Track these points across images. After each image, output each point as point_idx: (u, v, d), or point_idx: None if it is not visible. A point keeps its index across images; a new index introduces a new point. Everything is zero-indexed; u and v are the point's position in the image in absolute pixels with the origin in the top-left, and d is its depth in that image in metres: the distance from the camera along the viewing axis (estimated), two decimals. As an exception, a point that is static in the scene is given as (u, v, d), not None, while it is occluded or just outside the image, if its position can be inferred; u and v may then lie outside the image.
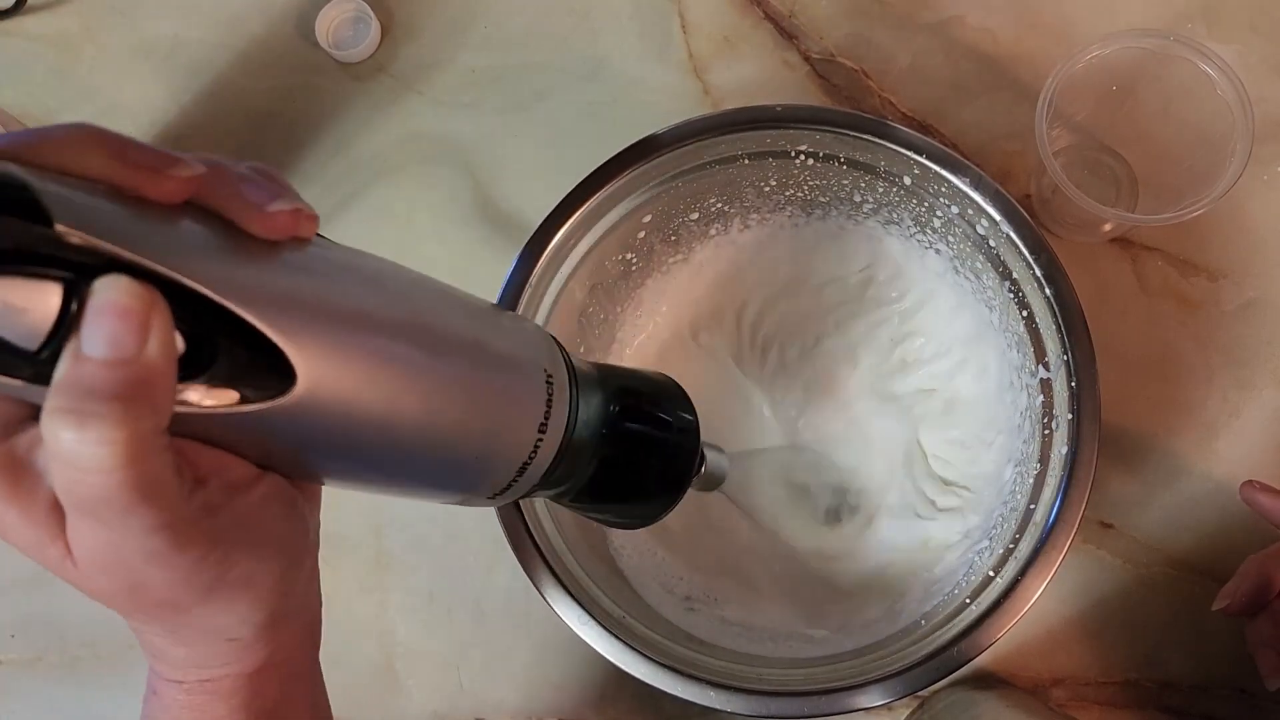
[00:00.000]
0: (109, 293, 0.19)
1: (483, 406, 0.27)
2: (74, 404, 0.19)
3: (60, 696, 0.57)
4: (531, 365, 0.28)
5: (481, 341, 0.27)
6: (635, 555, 0.53)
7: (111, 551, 0.22)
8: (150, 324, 0.19)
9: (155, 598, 0.23)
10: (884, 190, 0.50)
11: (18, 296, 0.19)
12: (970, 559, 0.48)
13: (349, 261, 0.25)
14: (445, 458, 0.27)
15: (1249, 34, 0.58)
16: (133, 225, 0.20)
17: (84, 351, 0.19)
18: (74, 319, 0.19)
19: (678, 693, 0.44)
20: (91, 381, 0.19)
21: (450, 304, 0.27)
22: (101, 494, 0.20)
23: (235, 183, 0.23)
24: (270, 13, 0.62)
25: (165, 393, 0.20)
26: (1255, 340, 0.55)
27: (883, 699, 0.43)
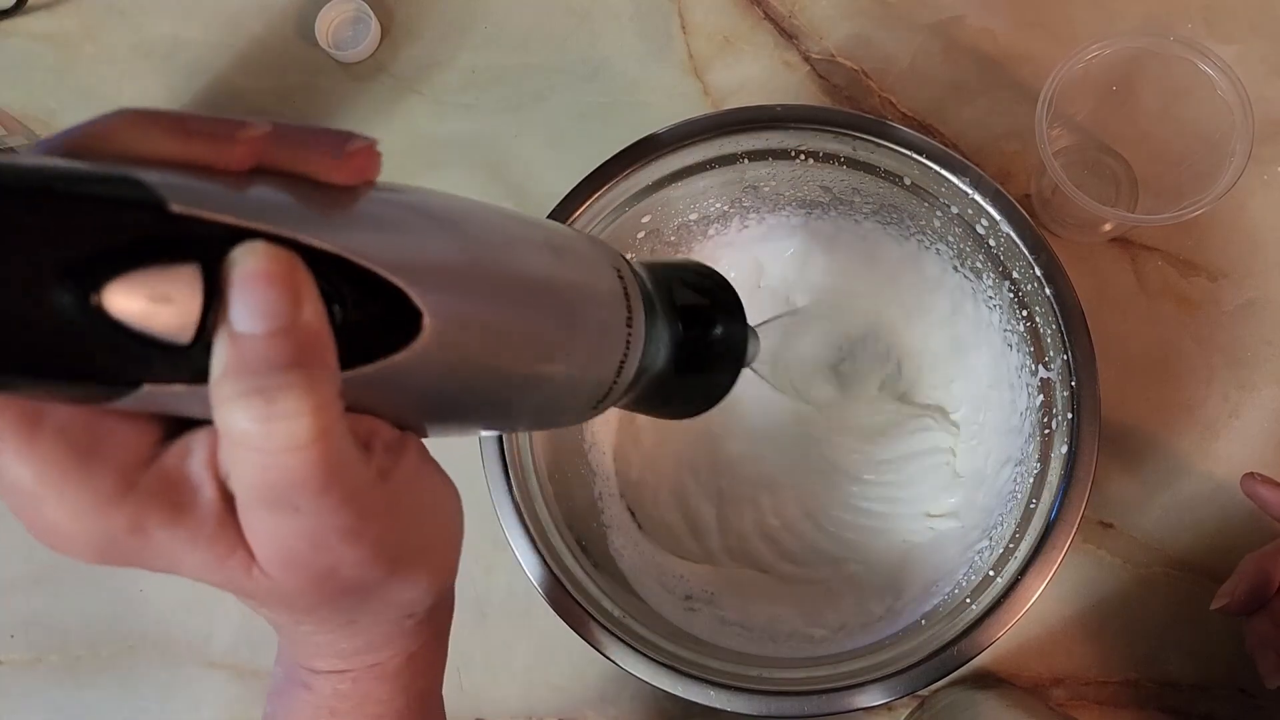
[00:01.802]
0: (250, 261, 0.18)
1: (580, 316, 0.27)
2: (251, 384, 0.18)
3: (60, 697, 0.57)
4: (606, 268, 0.28)
5: (566, 253, 0.27)
6: (635, 555, 0.53)
7: (303, 540, 0.20)
8: (299, 285, 0.18)
9: (344, 582, 0.22)
10: (884, 190, 0.50)
11: (160, 288, 0.17)
12: (970, 559, 0.48)
13: (425, 197, 0.24)
14: (556, 378, 0.26)
15: (1249, 34, 0.58)
16: (229, 195, 0.19)
17: (239, 330, 0.18)
18: (216, 301, 0.18)
19: (678, 693, 0.44)
20: (261, 356, 0.18)
21: (527, 226, 0.27)
22: (297, 475, 0.19)
23: (300, 135, 0.21)
24: (270, 13, 0.62)
25: (332, 353, 0.19)
26: (1255, 340, 0.55)
27: (883, 699, 0.43)
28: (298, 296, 0.18)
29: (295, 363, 0.18)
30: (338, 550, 0.21)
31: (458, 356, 0.22)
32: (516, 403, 0.26)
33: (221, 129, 0.20)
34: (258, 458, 0.18)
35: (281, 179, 0.21)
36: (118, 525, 0.19)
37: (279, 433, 0.18)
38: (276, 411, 0.18)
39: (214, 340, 0.18)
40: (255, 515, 0.20)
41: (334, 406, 0.19)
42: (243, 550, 0.20)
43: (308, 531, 0.20)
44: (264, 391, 0.18)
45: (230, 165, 0.20)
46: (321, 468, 0.19)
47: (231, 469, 0.19)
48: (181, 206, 0.18)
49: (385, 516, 0.21)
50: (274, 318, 0.18)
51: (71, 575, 0.58)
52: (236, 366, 0.18)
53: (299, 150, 0.21)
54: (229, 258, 0.18)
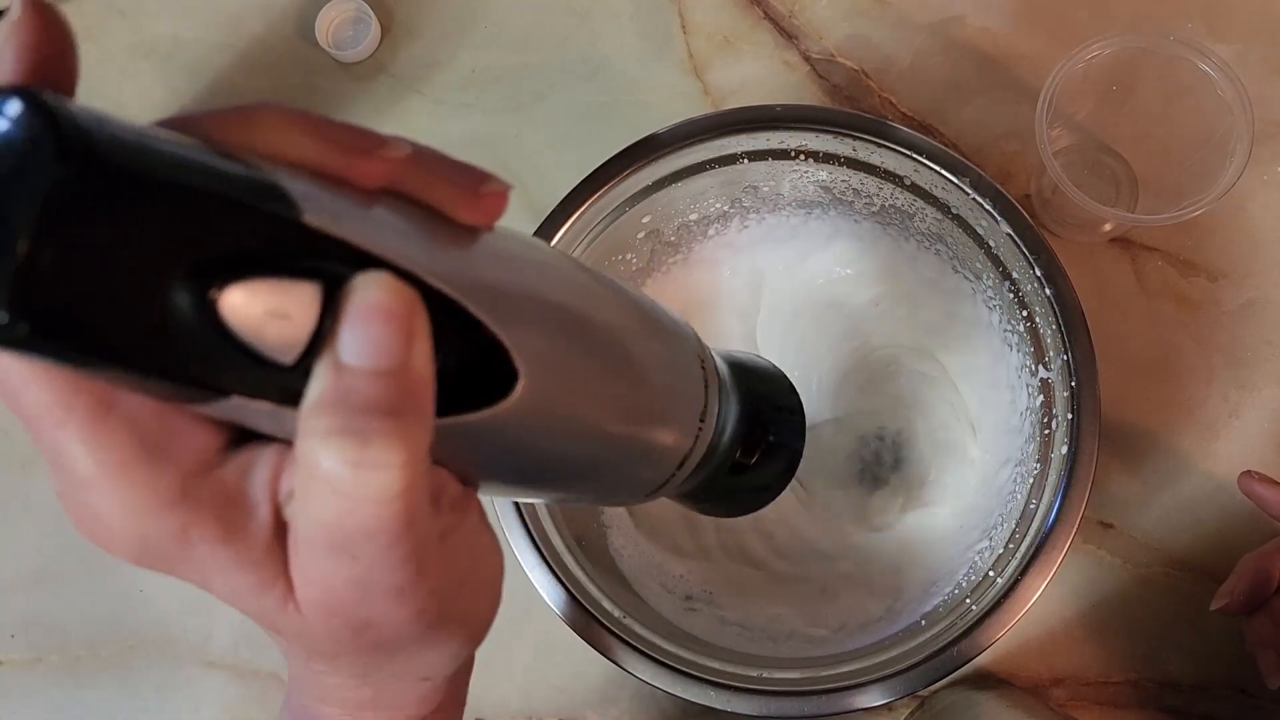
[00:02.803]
0: (373, 292, 0.17)
1: (662, 397, 0.26)
2: (348, 422, 0.17)
3: (61, 697, 0.57)
4: (691, 354, 0.28)
5: (657, 331, 0.27)
6: (635, 555, 0.53)
7: (352, 589, 0.19)
8: (415, 327, 0.17)
9: (376, 638, 0.21)
10: (884, 190, 0.50)
11: (278, 301, 0.17)
12: (970, 559, 0.48)
13: (535, 252, 0.23)
14: (628, 454, 0.26)
15: (1249, 34, 0.58)
16: (361, 215, 0.18)
17: (346, 361, 0.17)
18: (328, 326, 0.17)
19: (678, 693, 0.44)
20: (363, 395, 0.17)
21: (627, 300, 0.26)
22: (370, 526, 0.17)
23: (438, 164, 0.20)
24: (270, 13, 0.62)
25: (431, 405, 0.18)
26: (1255, 340, 0.55)
27: (883, 699, 0.43)
28: (412, 338, 0.17)
29: (396, 409, 0.17)
30: (383, 606, 0.20)
31: (539, 423, 0.22)
32: (580, 476, 0.26)
33: (363, 142, 0.19)
34: (335, 500, 0.17)
35: (406, 205, 0.20)
36: (166, 530, 0.18)
37: (366, 480, 0.17)
38: (368, 458, 0.17)
39: (315, 366, 0.17)
40: (310, 553, 0.19)
41: (424, 461, 0.18)
42: (284, 583, 0.19)
43: (360, 581, 0.19)
44: (359, 434, 0.17)
45: (362, 181, 0.19)
46: (397, 523, 0.18)
47: (300, 501, 0.18)
48: (315, 220, 0.17)
49: (437, 578, 0.20)
50: (385, 356, 0.17)
51: (71, 575, 0.58)
52: (334, 400, 0.17)
53: (433, 180, 0.20)
54: (351, 283, 0.17)
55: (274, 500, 0.19)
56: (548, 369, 0.21)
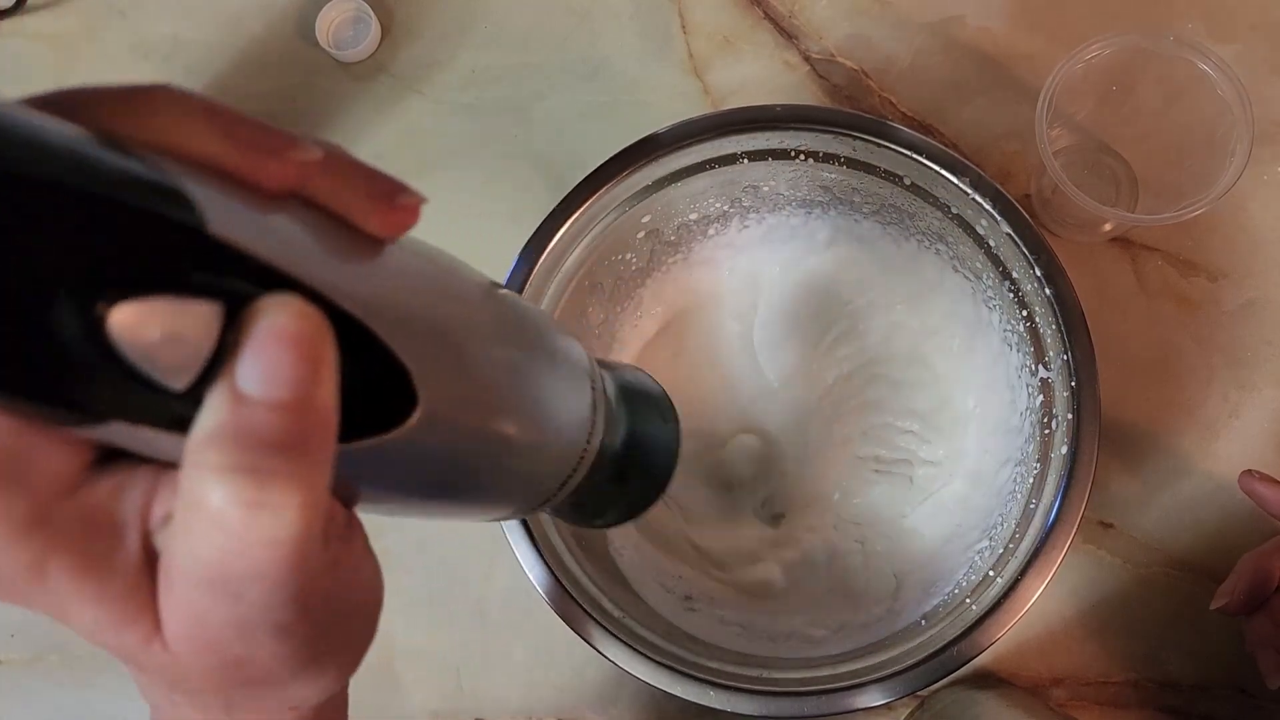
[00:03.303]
0: (281, 316, 0.16)
1: (553, 412, 0.26)
2: (245, 459, 0.15)
3: (60, 696, 0.57)
4: (583, 375, 0.28)
5: (553, 351, 0.26)
6: (635, 555, 0.53)
7: (230, 628, 0.17)
8: (322, 356, 0.16)
9: (249, 674, 0.19)
10: (884, 190, 0.50)
11: (174, 321, 0.15)
12: (970, 559, 0.48)
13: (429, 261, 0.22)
14: (515, 475, 0.25)
15: (1249, 34, 0.58)
16: (268, 225, 0.17)
17: (245, 390, 0.15)
18: (229, 349, 0.16)
19: (678, 693, 0.44)
20: (262, 430, 0.15)
21: (521, 312, 0.25)
22: (259, 568, 0.16)
23: (350, 171, 0.19)
24: (270, 13, 0.62)
25: (333, 441, 0.16)
26: (1255, 340, 0.55)
27: (883, 699, 0.43)
28: (319, 369, 0.16)
29: (297, 446, 0.16)
30: (261, 644, 0.18)
31: (432, 446, 0.21)
32: (464, 495, 0.25)
33: (272, 142, 0.17)
34: (221, 538, 0.16)
35: (311, 212, 0.18)
36: (19, 561, 0.16)
37: (260, 523, 0.15)
38: (265, 499, 0.15)
39: (209, 392, 0.16)
40: (186, 589, 0.17)
41: (323, 501, 0.16)
42: (150, 618, 0.18)
43: (240, 620, 0.17)
44: (256, 472, 0.15)
45: (268, 185, 0.17)
46: (288, 565, 0.16)
47: (179, 535, 0.16)
48: (219, 230, 0.15)
49: (320, 613, 0.19)
50: (289, 388, 0.15)
51: (71, 575, 0.58)
52: (230, 433, 0.15)
53: (345, 187, 0.19)
54: (256, 306, 0.16)
55: (144, 527, 0.18)
56: (445, 393, 0.20)
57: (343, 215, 0.19)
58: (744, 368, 0.56)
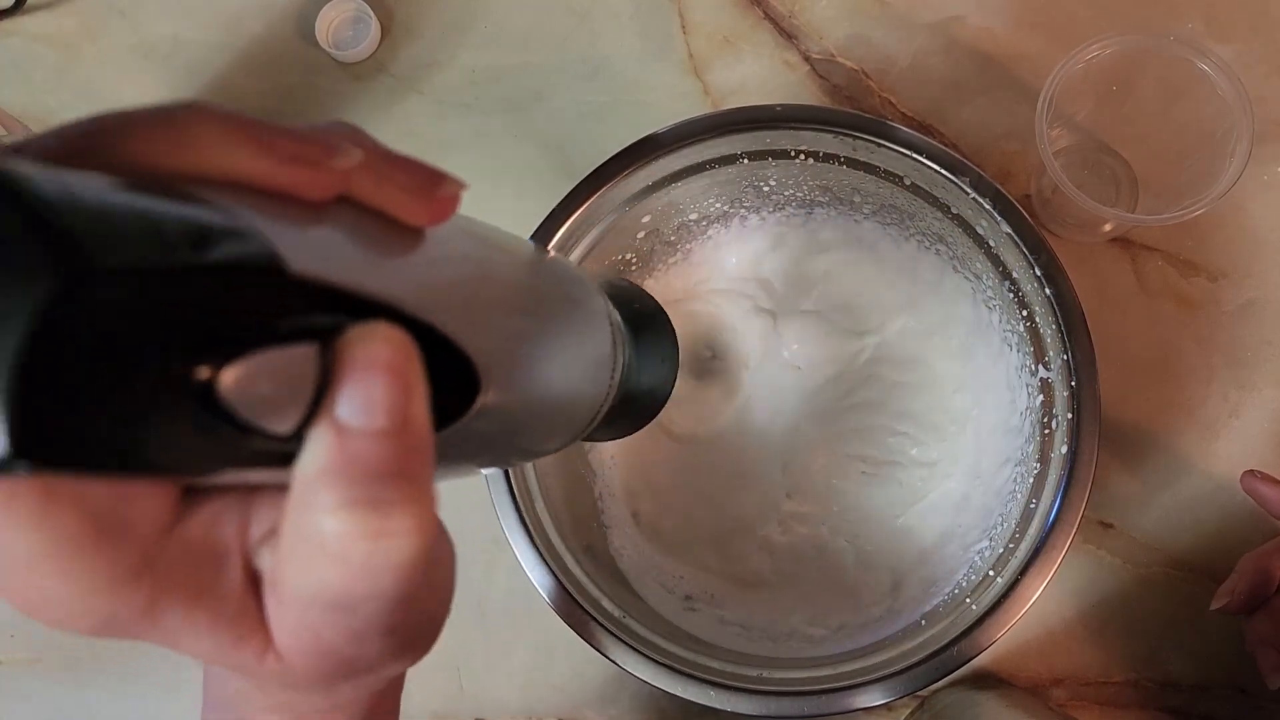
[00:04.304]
0: (372, 346, 0.15)
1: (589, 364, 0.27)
2: (360, 493, 0.15)
3: (60, 696, 0.57)
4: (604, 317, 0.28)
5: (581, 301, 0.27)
6: (635, 555, 0.53)
7: (344, 637, 0.18)
8: (413, 376, 0.16)
9: (358, 668, 0.19)
10: (884, 190, 0.50)
11: (277, 372, 0.15)
12: (970, 559, 0.48)
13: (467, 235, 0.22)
14: (557, 422, 0.26)
15: (1249, 34, 0.58)
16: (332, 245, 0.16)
17: (348, 423, 0.15)
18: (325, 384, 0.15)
19: (678, 693, 0.44)
20: (371, 460, 0.15)
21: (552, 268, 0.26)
22: (378, 589, 0.16)
23: (390, 166, 0.19)
24: (270, 13, 0.62)
25: (432, 456, 0.16)
26: (1255, 340, 0.55)
27: (883, 699, 0.43)
28: (411, 389, 0.16)
29: (405, 470, 0.15)
30: (372, 643, 0.18)
31: (492, 421, 0.21)
32: (508, 450, 0.26)
33: (311, 152, 0.17)
34: (341, 570, 0.16)
35: (355, 212, 0.18)
36: (132, 605, 0.16)
37: (381, 551, 0.15)
38: (383, 528, 0.15)
39: (312, 430, 0.15)
40: (301, 611, 0.17)
41: (435, 518, 0.16)
42: (261, 635, 0.18)
43: (354, 630, 0.18)
44: (373, 504, 0.15)
45: (313, 196, 0.17)
46: (406, 582, 0.16)
47: (292, 566, 0.16)
48: (297, 265, 0.15)
49: (420, 605, 0.20)
50: (388, 414, 0.15)
51: (71, 575, 0.58)
52: (340, 468, 0.15)
53: (385, 183, 0.19)
54: (346, 339, 0.15)
55: (243, 550, 0.18)
56: (502, 370, 0.20)
57: (387, 211, 0.19)
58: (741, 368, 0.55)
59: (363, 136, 0.19)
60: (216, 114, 0.16)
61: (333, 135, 0.18)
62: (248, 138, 0.16)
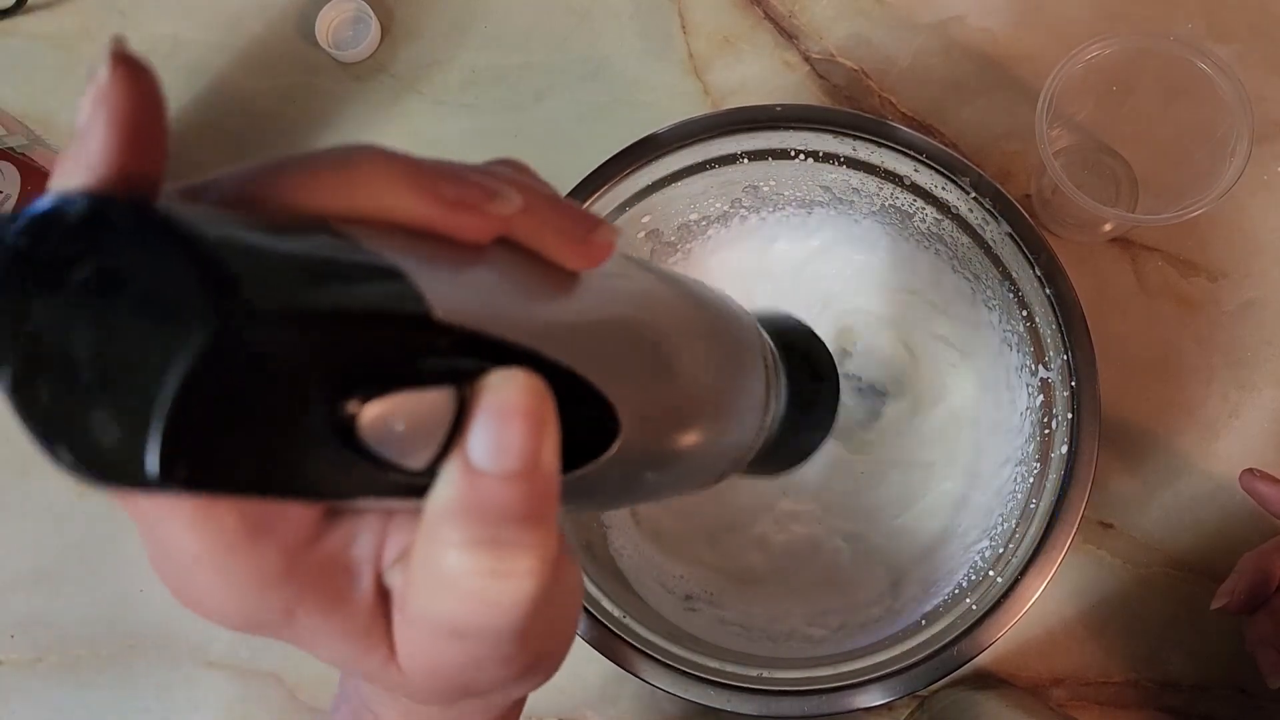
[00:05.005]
0: (508, 392, 0.16)
1: (740, 407, 0.26)
2: (483, 533, 0.16)
3: (60, 696, 0.57)
4: (759, 359, 0.27)
5: (738, 343, 0.26)
6: (635, 555, 0.53)
7: (460, 660, 0.19)
8: (546, 423, 0.16)
9: (476, 689, 0.20)
10: (884, 190, 0.50)
11: (415, 412, 0.15)
12: (970, 559, 0.48)
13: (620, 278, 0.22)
14: (705, 467, 0.26)
15: (1249, 34, 0.58)
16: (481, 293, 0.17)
17: (478, 464, 0.16)
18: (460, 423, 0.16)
19: (678, 693, 0.44)
20: (497, 502, 0.16)
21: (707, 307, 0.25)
22: (494, 623, 0.17)
23: (548, 211, 0.19)
24: (270, 13, 0.62)
25: (557, 500, 0.17)
26: (1255, 340, 0.55)
27: (883, 699, 0.43)
28: (544, 435, 0.16)
29: (531, 514, 0.16)
30: (489, 670, 0.19)
31: (631, 463, 0.21)
32: (655, 491, 0.25)
33: (473, 195, 0.17)
34: (461, 601, 0.16)
35: (507, 252, 0.18)
36: (272, 607, 0.18)
37: (501, 590, 0.16)
38: (505, 569, 0.16)
39: (444, 467, 0.16)
40: (422, 635, 0.18)
41: (553, 558, 0.17)
42: (386, 646, 0.19)
43: (470, 656, 0.18)
44: (494, 545, 0.16)
45: (470, 239, 0.17)
46: (522, 619, 0.17)
47: (418, 593, 0.17)
48: (443, 312, 0.15)
49: (541, 635, 0.20)
50: (519, 459, 0.16)
51: (71, 575, 0.58)
52: (468, 508, 0.16)
53: (541, 227, 0.19)
54: (484, 383, 0.16)
55: (376, 569, 0.19)
56: (644, 415, 0.20)
57: (541, 253, 0.19)
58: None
59: (527, 176, 0.19)
60: (386, 157, 0.17)
61: (496, 176, 0.18)
62: (414, 182, 0.17)
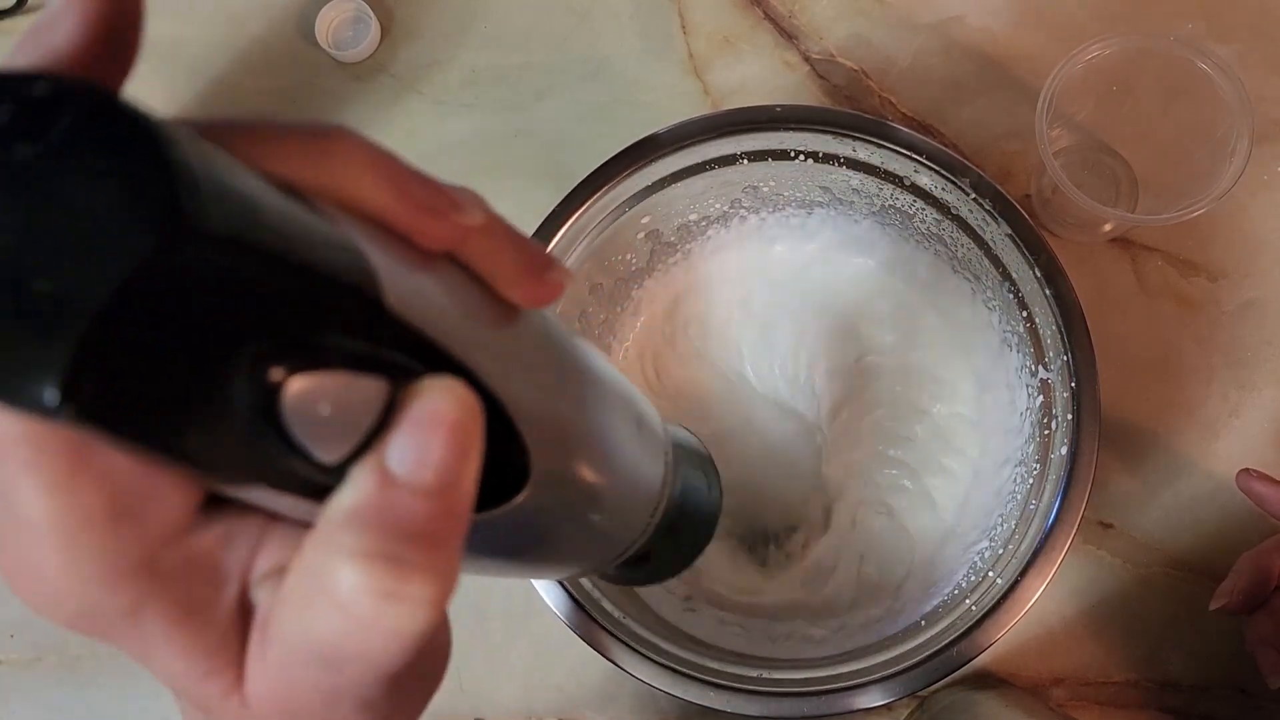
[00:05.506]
0: (444, 402, 0.15)
1: (639, 485, 0.25)
2: (385, 547, 0.14)
3: (60, 696, 0.57)
4: (660, 450, 0.27)
5: (642, 424, 0.26)
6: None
7: (319, 698, 0.17)
8: (472, 443, 0.15)
9: None
10: (884, 190, 0.50)
11: (344, 396, 0.14)
12: (970, 559, 0.48)
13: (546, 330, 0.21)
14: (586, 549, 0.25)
15: (1249, 34, 0.58)
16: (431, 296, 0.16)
17: (395, 471, 0.15)
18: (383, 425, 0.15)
19: (678, 693, 0.44)
20: (408, 516, 0.15)
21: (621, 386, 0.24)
22: (377, 652, 0.15)
23: (505, 236, 0.18)
24: (270, 13, 0.62)
25: (464, 532, 0.16)
26: (1255, 340, 0.55)
27: (883, 699, 0.43)
28: (468, 456, 0.15)
29: (439, 536, 0.15)
30: (345, 714, 0.17)
31: (529, 518, 0.20)
32: (541, 562, 0.25)
33: (438, 200, 0.17)
34: (341, 620, 0.15)
35: (455, 271, 0.18)
36: (117, 603, 0.15)
37: (390, 614, 0.15)
38: (400, 591, 0.14)
39: (355, 467, 0.15)
40: (284, 657, 0.16)
41: (448, 598, 0.15)
42: (233, 672, 0.17)
43: (331, 692, 0.16)
44: (394, 563, 0.14)
45: (427, 244, 0.17)
46: (404, 653, 0.15)
47: (291, 606, 0.16)
48: (394, 302, 0.15)
49: (405, 684, 0.18)
50: (439, 474, 0.15)
51: (71, 575, 0.58)
52: (375, 516, 0.15)
53: (496, 252, 0.18)
54: (420, 386, 0.15)
55: (244, 580, 0.17)
56: (552, 472, 0.20)
57: (487, 279, 0.18)
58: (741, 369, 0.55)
59: (484, 203, 0.19)
60: (363, 143, 0.16)
61: (459, 193, 0.18)
62: (385, 173, 0.16)
